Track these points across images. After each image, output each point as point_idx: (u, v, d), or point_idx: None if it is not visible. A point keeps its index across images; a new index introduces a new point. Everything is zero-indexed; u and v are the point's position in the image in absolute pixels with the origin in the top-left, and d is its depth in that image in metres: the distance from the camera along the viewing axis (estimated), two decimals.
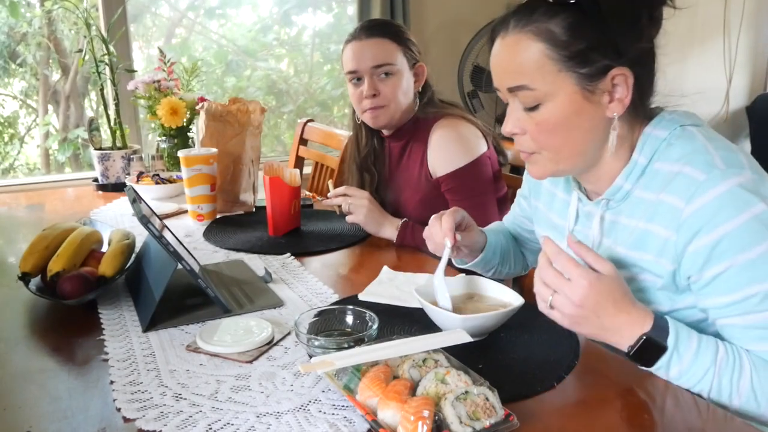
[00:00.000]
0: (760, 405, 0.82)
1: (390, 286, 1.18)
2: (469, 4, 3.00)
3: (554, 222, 1.09)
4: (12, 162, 3.01)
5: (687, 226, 0.84)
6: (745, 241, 0.81)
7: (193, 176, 1.59)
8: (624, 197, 0.94)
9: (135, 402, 0.82)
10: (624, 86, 0.87)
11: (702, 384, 0.83)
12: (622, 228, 0.94)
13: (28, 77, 2.95)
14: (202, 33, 3.22)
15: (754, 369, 0.83)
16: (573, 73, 0.86)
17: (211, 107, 1.70)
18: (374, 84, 1.55)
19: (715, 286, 0.85)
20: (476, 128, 1.56)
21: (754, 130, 3.69)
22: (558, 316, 0.86)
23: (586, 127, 0.90)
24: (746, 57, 3.70)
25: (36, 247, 1.18)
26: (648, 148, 0.91)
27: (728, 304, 0.84)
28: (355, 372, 0.81)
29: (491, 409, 0.72)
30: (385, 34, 1.55)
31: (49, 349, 0.99)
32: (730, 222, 0.82)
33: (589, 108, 0.88)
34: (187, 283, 1.11)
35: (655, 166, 0.90)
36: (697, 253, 0.84)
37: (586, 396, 0.85)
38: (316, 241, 1.49)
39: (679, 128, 0.91)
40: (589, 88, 0.87)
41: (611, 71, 0.86)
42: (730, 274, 0.83)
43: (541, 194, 1.13)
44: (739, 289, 0.83)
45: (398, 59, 1.55)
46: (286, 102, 3.31)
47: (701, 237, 0.83)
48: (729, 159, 0.85)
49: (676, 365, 0.83)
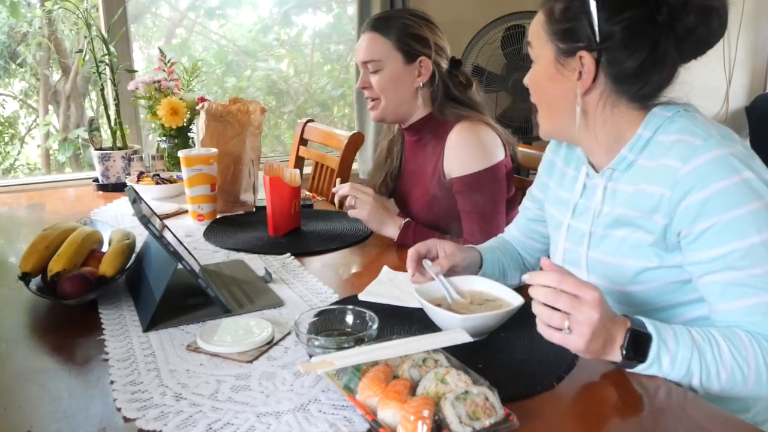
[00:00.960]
0: (743, 372, 0.86)
1: (390, 286, 1.18)
2: (469, 4, 3.01)
3: (562, 197, 1.16)
4: (12, 162, 3.02)
5: (682, 183, 0.92)
6: (732, 201, 0.89)
7: (193, 176, 1.59)
8: (627, 167, 1.01)
9: (135, 402, 0.82)
10: (589, 69, 0.97)
11: (692, 367, 0.85)
12: (621, 193, 1.02)
13: (27, 77, 2.95)
14: (203, 33, 3.22)
15: (727, 340, 0.87)
16: (554, 45, 1.00)
17: (211, 107, 1.70)
18: (365, 78, 1.59)
19: (701, 241, 0.92)
20: (496, 134, 1.55)
21: (754, 130, 3.69)
22: (575, 339, 0.84)
23: (557, 93, 1.03)
24: (746, 57, 3.70)
25: (36, 247, 1.18)
26: (653, 123, 0.99)
27: (712, 258, 0.91)
28: (355, 372, 0.81)
29: (491, 408, 0.72)
30: (377, 29, 1.56)
31: (49, 349, 1.00)
32: (720, 182, 0.90)
33: (560, 78, 1.01)
34: (187, 283, 1.11)
35: (658, 138, 0.98)
36: (688, 209, 0.92)
37: (586, 396, 0.85)
38: (316, 241, 1.49)
39: (683, 110, 1.00)
40: (561, 61, 1.00)
41: (579, 53, 0.98)
42: (716, 230, 0.90)
43: (554, 173, 1.21)
44: (722, 245, 0.90)
45: (387, 54, 1.55)
46: (286, 102, 3.31)
47: (693, 194, 0.91)
48: (724, 134, 0.95)
49: (665, 355, 0.85)
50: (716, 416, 0.80)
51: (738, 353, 0.86)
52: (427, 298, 0.99)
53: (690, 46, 0.96)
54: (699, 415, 0.81)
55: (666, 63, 0.96)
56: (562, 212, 1.14)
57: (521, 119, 2.88)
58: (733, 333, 0.88)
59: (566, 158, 1.17)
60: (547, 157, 1.23)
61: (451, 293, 1.04)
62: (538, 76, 1.05)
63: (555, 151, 1.21)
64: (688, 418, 0.80)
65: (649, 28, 0.94)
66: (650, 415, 0.81)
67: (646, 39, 0.94)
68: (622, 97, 1.00)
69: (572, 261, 1.10)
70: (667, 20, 0.93)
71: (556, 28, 1.00)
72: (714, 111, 3.70)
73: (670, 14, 0.93)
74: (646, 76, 0.97)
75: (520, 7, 2.85)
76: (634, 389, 0.85)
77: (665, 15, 0.93)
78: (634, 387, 0.86)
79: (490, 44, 2.83)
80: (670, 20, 0.93)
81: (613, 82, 0.98)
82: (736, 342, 0.87)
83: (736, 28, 3.56)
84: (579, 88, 0.99)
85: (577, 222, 1.09)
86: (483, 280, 1.07)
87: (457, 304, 1.02)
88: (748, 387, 0.87)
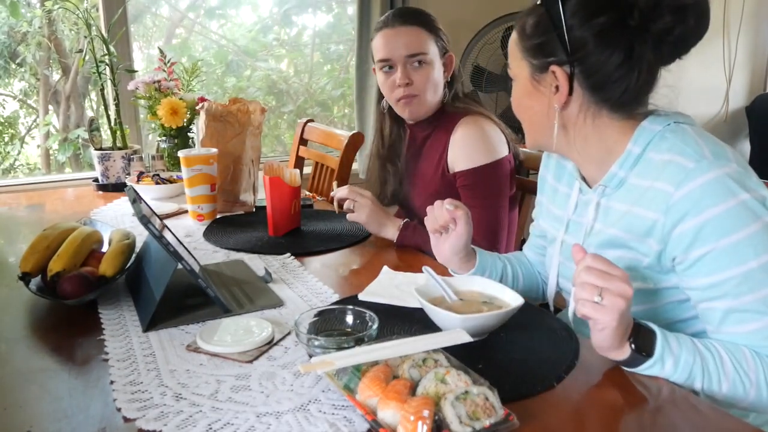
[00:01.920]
0: (745, 385, 0.86)
1: (390, 286, 1.18)
2: (469, 4, 3.00)
3: (555, 213, 1.15)
4: (12, 162, 3.02)
5: (675, 209, 0.90)
6: (728, 227, 0.87)
7: (193, 176, 1.59)
8: (619, 184, 1.00)
9: (135, 402, 0.82)
10: (563, 83, 0.97)
11: (695, 372, 0.86)
12: (614, 212, 1.01)
13: (27, 77, 2.95)
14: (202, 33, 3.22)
15: (728, 352, 0.88)
16: (528, 62, 1.00)
17: (211, 107, 1.70)
18: (408, 73, 1.54)
19: (698, 267, 0.90)
20: (500, 131, 1.56)
21: (754, 131, 3.69)
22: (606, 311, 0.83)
23: (537, 110, 1.02)
24: (746, 57, 3.70)
25: (36, 247, 1.18)
26: (642, 139, 0.97)
27: (709, 285, 0.90)
28: (355, 372, 0.81)
29: (491, 408, 0.72)
30: (419, 23, 1.55)
31: (49, 349, 0.99)
32: (715, 207, 0.88)
33: (537, 95, 1.01)
34: (187, 283, 1.11)
35: (649, 155, 0.97)
36: (682, 236, 0.90)
37: (586, 396, 0.85)
38: (316, 241, 1.49)
39: (673, 124, 0.97)
40: (537, 78, 1.00)
41: (551, 67, 0.97)
42: (712, 256, 0.89)
43: (545, 190, 1.21)
44: (719, 272, 0.89)
45: (431, 48, 1.55)
46: (286, 102, 3.31)
47: (687, 220, 0.89)
48: (717, 152, 0.92)
49: (669, 355, 0.85)
50: (717, 417, 0.80)
51: (740, 366, 0.87)
52: (427, 298, 0.99)
53: (668, 47, 0.94)
54: (699, 416, 0.81)
55: (642, 67, 0.94)
56: (555, 228, 1.14)
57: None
58: (735, 347, 0.88)
59: (557, 174, 1.17)
60: (540, 174, 1.24)
61: (450, 294, 1.04)
62: (518, 95, 1.05)
63: (545, 166, 1.21)
64: (688, 418, 0.80)
65: (621, 33, 0.92)
66: (650, 415, 0.81)
67: (619, 44, 0.93)
68: (602, 107, 0.98)
69: (568, 276, 1.09)
70: (639, 24, 0.92)
71: (528, 44, 0.99)
72: (714, 111, 3.70)
73: (643, 17, 0.91)
74: (624, 82, 0.95)
75: (520, 7, 2.80)
76: (634, 389, 0.85)
77: (637, 19, 0.91)
78: (635, 387, 0.85)
79: (490, 44, 2.83)
80: (643, 23, 0.92)
81: (591, 92, 0.97)
82: (738, 355, 0.87)
83: (736, 28, 3.56)
84: (556, 103, 0.99)
85: (570, 238, 1.09)
86: (483, 280, 1.07)
87: (456, 304, 1.02)
88: (749, 399, 0.87)
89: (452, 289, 1.05)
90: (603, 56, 0.93)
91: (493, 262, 1.23)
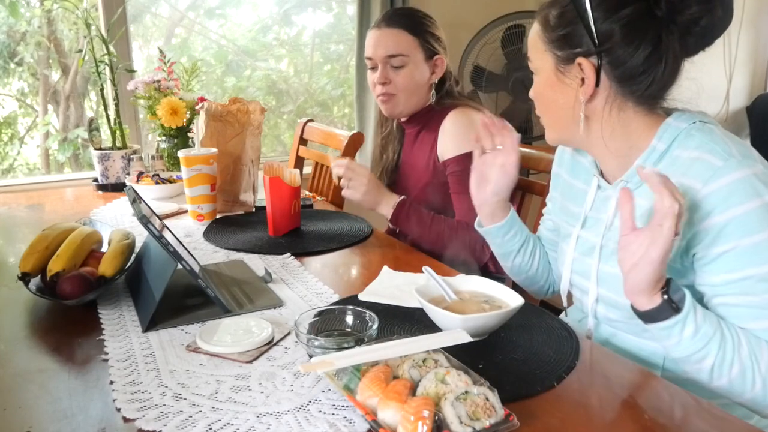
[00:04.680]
0: (754, 374, 0.86)
1: (390, 286, 1.18)
2: (469, 4, 3.01)
3: (570, 209, 1.15)
4: (12, 162, 3.01)
5: (701, 205, 0.90)
6: (752, 226, 0.87)
7: (193, 176, 1.59)
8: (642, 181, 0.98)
9: (135, 402, 0.82)
10: (590, 75, 0.96)
11: (710, 346, 0.86)
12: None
13: (26, 76, 2.95)
14: (202, 33, 3.21)
15: (748, 340, 0.88)
16: (552, 54, 0.99)
17: (211, 107, 1.70)
18: (386, 73, 1.60)
19: (718, 264, 0.90)
20: None
21: (754, 130, 3.69)
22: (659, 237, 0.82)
23: (561, 103, 1.01)
24: (746, 57, 3.70)
25: (36, 247, 1.18)
26: (668, 135, 0.97)
27: (727, 282, 0.90)
28: (355, 372, 0.81)
29: (491, 409, 0.72)
30: (402, 25, 1.59)
31: (49, 349, 0.99)
32: (741, 206, 0.88)
33: (562, 87, 1.00)
34: (187, 283, 1.11)
35: (675, 152, 0.96)
36: (706, 232, 0.90)
37: (586, 396, 0.85)
38: (316, 241, 1.49)
39: (699, 122, 0.97)
40: (562, 70, 0.99)
41: (577, 59, 0.96)
42: (734, 254, 0.88)
43: (559, 185, 1.21)
44: (739, 270, 0.88)
45: (412, 50, 1.59)
46: (286, 102, 3.31)
47: (713, 217, 0.89)
48: (744, 152, 0.92)
49: (691, 321, 0.86)
50: (718, 417, 0.80)
51: (754, 355, 0.87)
52: (427, 298, 0.99)
53: (694, 38, 0.94)
54: (700, 416, 0.81)
55: (669, 58, 0.94)
56: (570, 223, 1.13)
57: (521, 119, 2.88)
58: (756, 339, 0.88)
59: (572, 170, 1.16)
60: (553, 170, 1.24)
61: (450, 293, 1.04)
62: (541, 88, 1.03)
63: (559, 163, 1.21)
64: (688, 418, 0.80)
65: (649, 23, 0.92)
66: (650, 415, 0.81)
67: (647, 35, 0.92)
68: (628, 99, 0.98)
69: (581, 272, 1.09)
70: (667, 14, 0.92)
71: (553, 36, 0.98)
72: (714, 111, 3.70)
73: (670, 8, 0.91)
74: (650, 74, 0.94)
75: (520, 7, 2.85)
76: (635, 389, 0.85)
77: (664, 9, 0.92)
78: (635, 387, 0.85)
79: (490, 44, 2.83)
80: (670, 14, 0.92)
81: (618, 83, 0.96)
82: (754, 344, 0.88)
83: (736, 28, 3.56)
84: (582, 95, 0.98)
85: (587, 233, 1.09)
86: (483, 280, 1.07)
87: (456, 304, 1.01)
88: (755, 391, 0.87)
89: (452, 289, 1.05)
90: (630, 47, 0.93)
91: (521, 226, 1.24)
